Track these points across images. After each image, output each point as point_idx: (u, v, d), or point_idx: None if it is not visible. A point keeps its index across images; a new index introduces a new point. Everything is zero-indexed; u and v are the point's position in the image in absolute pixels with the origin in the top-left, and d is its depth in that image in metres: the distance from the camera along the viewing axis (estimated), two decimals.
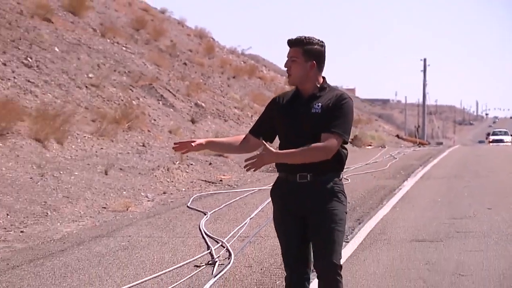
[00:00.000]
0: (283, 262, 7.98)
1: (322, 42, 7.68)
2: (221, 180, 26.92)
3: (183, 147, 7.89)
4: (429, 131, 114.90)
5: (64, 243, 15.86)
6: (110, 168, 24.26)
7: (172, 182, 25.52)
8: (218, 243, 15.17)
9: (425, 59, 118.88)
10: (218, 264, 13.33)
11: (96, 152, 25.81)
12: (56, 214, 18.55)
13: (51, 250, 15.04)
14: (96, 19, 40.18)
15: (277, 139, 7.88)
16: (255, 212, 18.96)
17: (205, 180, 26.29)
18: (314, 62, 7.56)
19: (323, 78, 7.72)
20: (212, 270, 12.92)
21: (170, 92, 38.52)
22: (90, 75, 32.78)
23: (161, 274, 12.74)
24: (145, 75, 37.45)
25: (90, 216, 19.09)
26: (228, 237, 15.51)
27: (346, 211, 7.86)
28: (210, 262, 13.55)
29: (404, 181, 28.90)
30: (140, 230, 17.25)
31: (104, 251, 14.98)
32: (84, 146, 25.93)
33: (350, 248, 15.19)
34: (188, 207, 20.40)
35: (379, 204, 21.58)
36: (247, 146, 8.06)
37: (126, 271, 13.10)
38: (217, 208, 19.73)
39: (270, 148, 7.42)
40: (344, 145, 7.74)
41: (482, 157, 45.02)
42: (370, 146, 58.61)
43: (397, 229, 17.54)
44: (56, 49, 32.52)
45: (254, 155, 7.51)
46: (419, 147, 67.99)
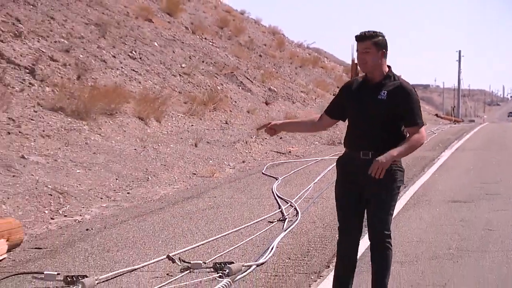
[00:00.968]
0: (338, 227, 7.78)
1: (383, 34, 7.60)
2: (289, 152, 26.91)
3: (268, 129, 7.80)
4: (463, 111, 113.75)
5: (162, 202, 15.98)
6: (199, 142, 24.35)
7: (249, 153, 25.56)
8: (287, 203, 15.20)
9: (459, 51, 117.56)
10: (288, 221, 13.38)
11: (188, 128, 25.91)
12: (155, 179, 18.68)
13: (151, 208, 15.17)
14: (188, 19, 40.21)
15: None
16: (318, 178, 18.98)
17: (276, 151, 26.29)
18: (383, 50, 7.47)
19: (389, 67, 7.63)
20: (283, 225, 12.97)
21: (248, 79, 38.49)
22: (183, 65, 32.84)
23: (241, 228, 12.81)
24: (227, 65, 37.44)
25: (183, 181, 19.20)
26: (295, 198, 15.55)
27: (400, 185, 7.61)
28: (281, 218, 13.61)
29: (442, 152, 28.67)
30: (224, 192, 17.33)
31: (194, 209, 15.07)
32: (178, 124, 26.03)
33: (397, 208, 15.05)
34: (262, 173, 20.45)
35: (421, 172, 21.48)
36: (320, 124, 7.96)
37: (212, 226, 13.18)
38: (286, 174, 19.78)
39: (384, 155, 7.18)
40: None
41: (507, 132, 44.69)
42: None
43: (436, 192, 17.48)
44: (156, 44, 32.63)
45: (373, 165, 7.20)
46: (455, 124, 67.42)
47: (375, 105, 7.38)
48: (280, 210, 14.50)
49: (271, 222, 13.41)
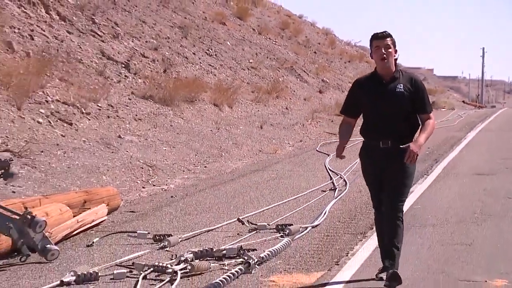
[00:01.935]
0: (373, 206, 7.53)
1: None
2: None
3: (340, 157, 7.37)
4: (485, 98, 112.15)
5: (233, 175, 16.01)
6: (263, 124, 24.35)
7: (306, 133, 25.52)
8: (337, 175, 15.15)
9: (483, 48, 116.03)
10: (338, 190, 13.33)
11: (254, 113, 25.91)
12: (227, 155, 18.72)
13: (224, 180, 15.21)
14: (255, 22, 40.13)
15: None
16: None
17: (328, 132, 26.18)
18: (396, 48, 7.23)
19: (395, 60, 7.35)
20: (334, 194, 12.94)
21: (305, 72, 38.38)
22: (251, 61, 32.83)
23: (298, 196, 12.79)
24: (287, 61, 37.34)
25: (250, 157, 19.22)
26: (344, 171, 15.46)
27: (414, 170, 7.31)
28: (332, 188, 13.57)
29: (468, 133, 28.40)
30: (284, 166, 17.32)
31: (260, 180, 15.08)
32: (246, 109, 26.05)
33: (429, 180, 15.04)
34: (317, 150, 20.40)
35: (450, 149, 21.27)
36: (352, 127, 7.45)
37: (275, 194, 13.18)
38: None
39: (414, 144, 6.95)
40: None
41: None
42: (443, 108, 57.65)
43: (463, 166, 17.33)
44: (228, 43, 32.63)
45: (409, 153, 6.89)
46: (479, 109, 66.71)
47: (396, 97, 7.09)
48: (331, 181, 14.46)
49: (323, 191, 13.39)
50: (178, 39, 28.01)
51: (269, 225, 10.24)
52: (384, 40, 7.13)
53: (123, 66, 21.77)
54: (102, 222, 10.53)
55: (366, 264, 8.29)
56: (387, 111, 7.08)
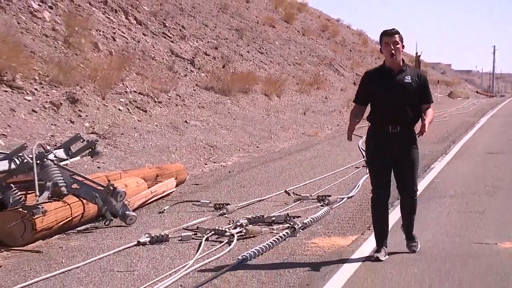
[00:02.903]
0: (372, 187, 7.01)
1: None
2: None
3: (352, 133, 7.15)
4: (496, 88, 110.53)
5: (281, 153, 16.01)
6: (306, 111, 24.29)
7: (342, 119, 25.38)
8: None
9: (494, 46, 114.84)
10: None
11: (299, 102, 25.85)
12: (275, 137, 18.71)
13: (273, 158, 15.21)
14: (299, 25, 39.96)
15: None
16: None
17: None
18: (403, 44, 6.87)
19: None
20: (366, 170, 12.85)
21: (341, 67, 38.18)
22: (295, 58, 32.72)
23: (336, 172, 12.75)
24: (327, 57, 37.16)
25: (295, 138, 19.20)
26: None
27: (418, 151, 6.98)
28: (364, 165, 13.48)
29: (480, 118, 28.15)
30: (324, 147, 17.27)
31: (303, 158, 15.05)
32: (292, 98, 26.00)
33: (448, 158, 14.92)
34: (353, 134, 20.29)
35: (465, 132, 21.09)
36: (363, 114, 7.04)
37: (316, 170, 13.15)
38: None
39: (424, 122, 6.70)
40: None
41: None
42: (460, 98, 57.25)
43: (476, 146, 17.18)
44: (277, 43, 32.54)
45: (423, 130, 6.64)
46: (490, 98, 66.18)
47: (404, 88, 6.76)
48: (364, 159, 14.35)
49: (357, 168, 13.32)
50: (235, 40, 28.01)
51: (311, 196, 10.23)
52: (392, 37, 6.78)
53: (189, 62, 21.84)
54: (171, 193, 10.60)
55: (394, 229, 8.24)
56: (397, 99, 6.76)
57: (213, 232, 7.86)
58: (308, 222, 8.38)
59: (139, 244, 7.48)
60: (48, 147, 8.91)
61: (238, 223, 8.15)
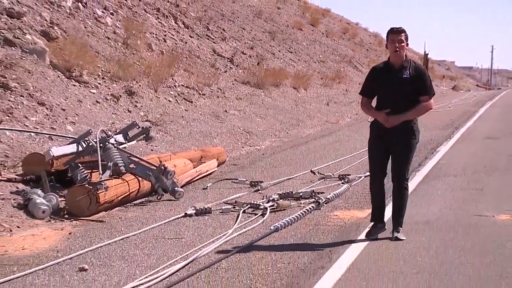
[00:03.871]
0: (370, 172, 6.69)
1: None
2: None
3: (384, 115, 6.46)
4: (493, 82, 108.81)
5: (307, 138, 15.96)
6: (329, 102, 24.15)
7: (360, 109, 25.17)
8: None
9: (492, 46, 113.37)
10: None
11: (322, 94, 25.72)
12: (303, 124, 18.65)
13: (301, 142, 15.17)
14: (323, 28, 39.69)
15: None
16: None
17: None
18: (407, 42, 6.45)
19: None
20: None
21: (360, 64, 37.86)
22: (320, 56, 32.52)
23: (354, 154, 12.66)
24: (347, 56, 36.88)
25: (319, 126, 19.11)
26: None
27: (417, 141, 6.49)
28: None
29: (480, 108, 27.84)
30: (344, 132, 17.18)
31: (326, 142, 14.99)
32: (317, 91, 25.88)
33: (451, 142, 14.77)
34: (368, 121, 20.11)
35: (467, 120, 20.87)
36: (370, 104, 6.65)
37: (338, 153, 13.08)
38: None
39: (395, 116, 6.27)
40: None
41: None
42: (462, 90, 56.64)
43: (477, 132, 17.00)
44: (304, 43, 32.35)
45: (386, 119, 6.28)
46: (488, 90, 65.48)
47: (402, 83, 6.36)
48: None
49: None
50: (268, 41, 27.92)
51: (333, 175, 10.19)
52: (398, 35, 6.34)
53: (229, 60, 21.82)
54: (213, 172, 10.63)
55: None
56: (395, 93, 6.37)
57: (249, 205, 7.88)
58: (330, 197, 8.37)
59: (186, 216, 7.51)
60: (109, 133, 8.99)
61: (271, 198, 8.15)
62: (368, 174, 10.23)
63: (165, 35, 19.69)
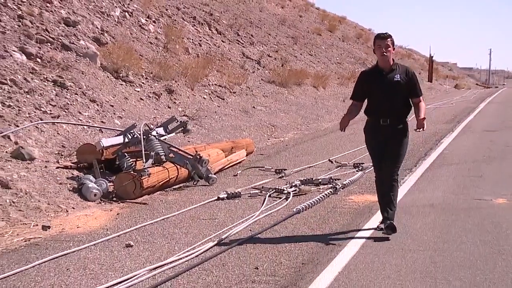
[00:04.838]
0: (374, 169, 6.21)
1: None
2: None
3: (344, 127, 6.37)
4: (491, 81, 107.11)
5: (325, 131, 15.87)
6: (345, 99, 23.89)
7: None
8: None
9: (490, 49, 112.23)
10: None
11: (339, 92, 25.53)
12: (321, 119, 18.55)
13: (320, 134, 15.09)
14: (340, 34, 39.40)
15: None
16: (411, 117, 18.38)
17: None
18: (394, 47, 5.91)
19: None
20: None
21: (371, 65, 37.60)
22: (337, 58, 32.30)
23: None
24: (361, 58, 36.58)
25: (336, 120, 18.87)
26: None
27: (408, 141, 6.08)
28: None
29: (479, 104, 27.40)
30: (358, 126, 16.66)
31: (343, 135, 14.73)
32: (334, 89, 25.72)
33: (454, 134, 14.59)
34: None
35: (468, 115, 20.57)
36: (358, 110, 6.29)
37: (353, 143, 12.94)
38: None
39: (421, 121, 5.88)
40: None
41: None
42: (463, 88, 55.93)
43: (476, 125, 16.74)
44: (323, 47, 32.16)
45: (420, 125, 5.88)
46: (487, 88, 64.56)
47: (394, 85, 5.86)
48: None
49: None
50: (291, 45, 27.80)
51: (349, 163, 10.14)
52: (385, 41, 5.89)
53: (256, 62, 21.78)
54: (242, 161, 10.64)
55: (413, 189, 8.18)
56: (386, 96, 5.89)
57: (274, 190, 7.88)
58: (346, 183, 8.34)
59: (219, 199, 7.54)
60: (152, 126, 9.04)
61: (293, 184, 8.15)
62: None
63: (200, 40, 19.71)
